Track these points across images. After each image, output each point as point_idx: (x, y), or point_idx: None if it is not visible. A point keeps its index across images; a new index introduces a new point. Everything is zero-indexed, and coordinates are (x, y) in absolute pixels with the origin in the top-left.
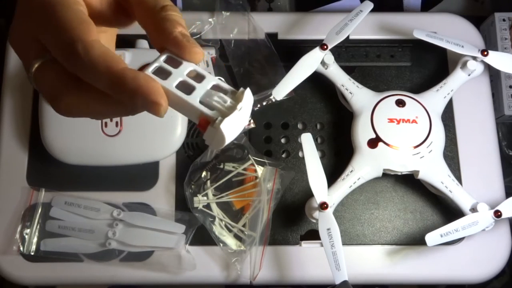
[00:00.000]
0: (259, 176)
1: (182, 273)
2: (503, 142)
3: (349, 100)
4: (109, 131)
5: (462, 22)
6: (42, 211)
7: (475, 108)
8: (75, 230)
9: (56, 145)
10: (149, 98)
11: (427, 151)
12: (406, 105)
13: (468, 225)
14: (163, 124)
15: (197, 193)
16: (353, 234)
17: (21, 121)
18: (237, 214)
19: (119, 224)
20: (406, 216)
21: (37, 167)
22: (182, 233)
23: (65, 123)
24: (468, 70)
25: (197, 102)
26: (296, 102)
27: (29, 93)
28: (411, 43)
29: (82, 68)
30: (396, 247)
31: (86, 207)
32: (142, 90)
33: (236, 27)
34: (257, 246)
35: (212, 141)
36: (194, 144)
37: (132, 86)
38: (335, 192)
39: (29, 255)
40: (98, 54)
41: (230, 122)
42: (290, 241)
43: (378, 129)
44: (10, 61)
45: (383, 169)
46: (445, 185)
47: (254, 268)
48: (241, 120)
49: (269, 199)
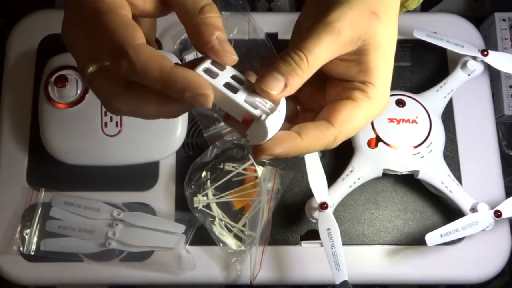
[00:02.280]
0: (259, 176)
1: (182, 273)
2: (503, 142)
3: None
4: (109, 131)
5: (462, 22)
6: (42, 211)
7: (475, 108)
8: (75, 230)
9: (56, 145)
10: (198, 90)
11: (427, 151)
12: (406, 105)
13: (468, 225)
14: (163, 124)
15: (197, 193)
16: (353, 234)
17: (21, 121)
18: (237, 214)
19: (119, 224)
20: (406, 216)
21: (37, 167)
22: (182, 233)
23: (65, 124)
24: (468, 70)
25: (242, 101)
26: None
27: (29, 93)
28: (411, 43)
29: (133, 71)
30: (396, 247)
31: (86, 207)
32: (192, 85)
33: (236, 27)
34: (257, 246)
35: (254, 135)
36: (194, 144)
37: (183, 82)
38: (335, 192)
39: (29, 255)
40: (148, 56)
41: (272, 119)
42: (290, 241)
43: (378, 129)
44: (10, 61)
45: (383, 169)
46: (445, 185)
47: (254, 268)
48: (279, 120)
49: (269, 199)
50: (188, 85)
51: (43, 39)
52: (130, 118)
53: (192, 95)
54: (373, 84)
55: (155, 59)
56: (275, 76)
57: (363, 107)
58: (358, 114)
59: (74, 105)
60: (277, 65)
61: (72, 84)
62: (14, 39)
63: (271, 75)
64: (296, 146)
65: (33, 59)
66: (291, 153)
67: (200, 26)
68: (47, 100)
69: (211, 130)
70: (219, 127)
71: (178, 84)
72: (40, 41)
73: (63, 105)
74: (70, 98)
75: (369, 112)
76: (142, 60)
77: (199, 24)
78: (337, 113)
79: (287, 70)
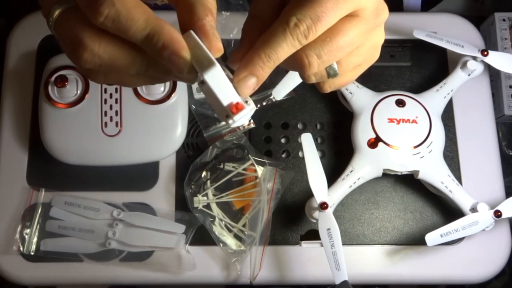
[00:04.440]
0: (259, 176)
1: (182, 273)
2: (503, 142)
3: (349, 100)
4: (109, 131)
5: (462, 22)
6: (42, 211)
7: (475, 108)
8: (75, 230)
9: (56, 145)
10: (177, 50)
11: (427, 151)
12: (406, 105)
13: (468, 225)
14: (163, 124)
15: (197, 193)
16: (353, 234)
17: (21, 121)
18: (237, 214)
19: (119, 224)
20: (406, 216)
21: (37, 167)
22: (182, 233)
23: (65, 124)
24: (468, 70)
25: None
26: (296, 102)
27: (29, 93)
28: (411, 43)
29: (117, 18)
30: (396, 247)
31: (86, 207)
32: (174, 42)
33: (236, 27)
34: (257, 246)
35: (241, 119)
36: (194, 144)
37: (167, 37)
38: (335, 192)
39: (29, 255)
40: (134, 4)
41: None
42: (290, 241)
43: (378, 129)
44: (10, 61)
45: (383, 169)
46: (445, 185)
47: (254, 268)
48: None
49: (269, 199)
50: (170, 41)
51: (43, 39)
52: (130, 118)
53: (169, 54)
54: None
55: (141, 8)
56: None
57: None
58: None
59: (74, 105)
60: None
61: (72, 84)
62: (14, 39)
63: (246, 79)
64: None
65: (33, 59)
66: (257, 63)
67: (196, 5)
68: (47, 100)
69: (211, 130)
70: (219, 127)
71: (161, 37)
72: (40, 41)
73: (63, 105)
74: (70, 98)
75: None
76: (126, 6)
77: (196, 2)
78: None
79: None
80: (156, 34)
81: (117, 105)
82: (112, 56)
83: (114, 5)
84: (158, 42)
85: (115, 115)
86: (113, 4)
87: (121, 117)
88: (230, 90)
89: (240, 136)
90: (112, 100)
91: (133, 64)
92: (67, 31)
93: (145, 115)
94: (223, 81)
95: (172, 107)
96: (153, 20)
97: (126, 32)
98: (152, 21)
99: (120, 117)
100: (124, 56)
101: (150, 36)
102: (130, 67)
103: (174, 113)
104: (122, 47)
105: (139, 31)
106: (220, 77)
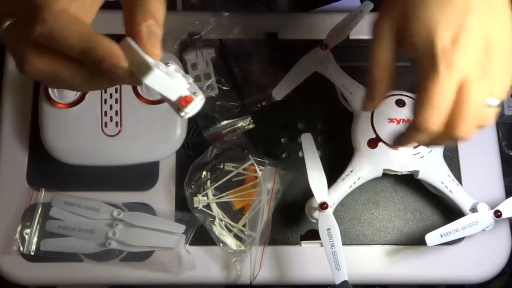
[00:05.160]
0: (259, 176)
1: (182, 273)
2: (503, 142)
3: (349, 100)
4: (109, 131)
5: None
6: (42, 211)
7: None
8: (75, 230)
9: (56, 145)
10: (114, 61)
11: (427, 151)
12: (406, 105)
13: (468, 225)
14: (163, 124)
15: (197, 193)
16: (353, 234)
17: (21, 121)
18: (237, 214)
19: (119, 224)
20: (406, 216)
21: (37, 167)
22: (182, 233)
23: (65, 124)
24: None
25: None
26: (296, 102)
27: (29, 93)
28: None
29: (50, 35)
30: (396, 247)
31: (86, 207)
32: (112, 55)
33: (236, 27)
34: (257, 246)
35: (192, 110)
36: (194, 144)
37: (103, 51)
38: (335, 192)
39: (29, 255)
40: (67, 21)
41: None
42: (290, 241)
43: (378, 129)
44: (10, 61)
45: (383, 169)
46: (445, 185)
47: (254, 268)
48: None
49: (269, 199)
50: (107, 54)
51: None
52: (130, 118)
53: (108, 66)
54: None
55: (76, 25)
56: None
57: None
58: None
59: (74, 105)
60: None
61: None
62: None
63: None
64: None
65: None
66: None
67: (136, 9)
68: (47, 100)
69: (211, 130)
70: (219, 127)
71: (98, 52)
72: None
73: (63, 105)
74: (70, 98)
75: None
76: (59, 24)
77: (137, 5)
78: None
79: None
80: (93, 50)
81: (117, 105)
82: (54, 69)
83: (46, 23)
84: (96, 56)
85: (115, 115)
86: (45, 21)
87: (121, 117)
88: (174, 87)
89: (240, 136)
90: (112, 100)
91: (75, 75)
92: (13, 43)
93: (145, 115)
94: (165, 81)
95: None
96: (88, 36)
97: (61, 48)
98: (87, 37)
99: (120, 117)
100: (66, 69)
101: (87, 51)
102: (73, 78)
103: (174, 113)
104: (63, 60)
105: (74, 47)
106: (160, 78)
